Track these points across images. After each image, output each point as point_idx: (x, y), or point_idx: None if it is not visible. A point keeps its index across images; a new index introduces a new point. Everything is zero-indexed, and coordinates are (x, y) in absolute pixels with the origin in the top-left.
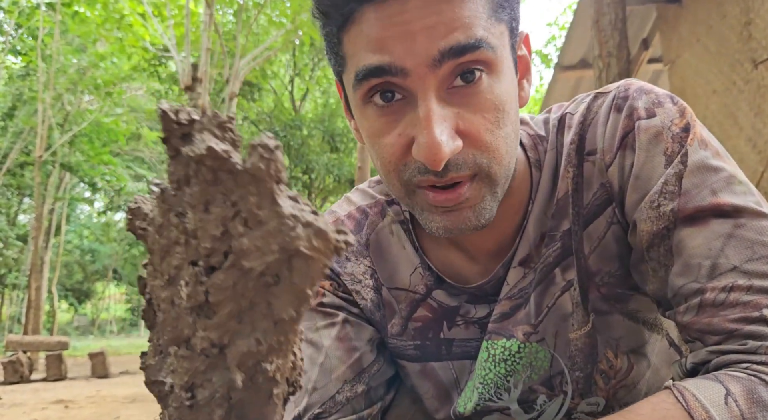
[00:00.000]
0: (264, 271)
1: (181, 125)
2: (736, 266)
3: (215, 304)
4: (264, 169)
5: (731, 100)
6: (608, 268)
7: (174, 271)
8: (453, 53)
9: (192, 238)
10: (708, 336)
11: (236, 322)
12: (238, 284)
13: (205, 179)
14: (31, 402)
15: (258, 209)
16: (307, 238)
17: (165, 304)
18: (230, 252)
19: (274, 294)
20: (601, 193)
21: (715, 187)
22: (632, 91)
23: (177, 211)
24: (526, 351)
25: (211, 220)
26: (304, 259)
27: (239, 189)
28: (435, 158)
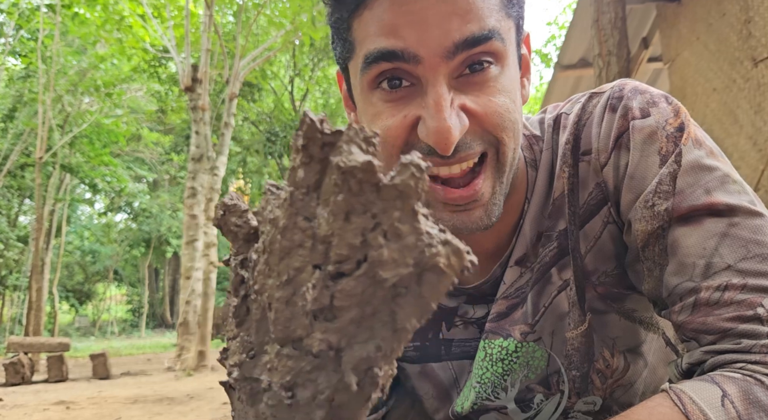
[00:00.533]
0: (396, 282)
1: (324, 134)
2: (730, 265)
3: (339, 308)
4: (413, 186)
5: (731, 98)
6: (605, 268)
7: (294, 273)
8: (467, 45)
9: (320, 244)
10: (703, 335)
11: (356, 328)
12: (367, 291)
13: (350, 190)
14: (32, 403)
15: (399, 223)
16: (446, 255)
17: (279, 304)
18: (364, 261)
19: (400, 304)
20: (597, 192)
21: (709, 186)
22: (627, 91)
23: (304, 215)
24: (523, 350)
25: (351, 229)
26: (437, 274)
27: (383, 203)
28: (446, 143)
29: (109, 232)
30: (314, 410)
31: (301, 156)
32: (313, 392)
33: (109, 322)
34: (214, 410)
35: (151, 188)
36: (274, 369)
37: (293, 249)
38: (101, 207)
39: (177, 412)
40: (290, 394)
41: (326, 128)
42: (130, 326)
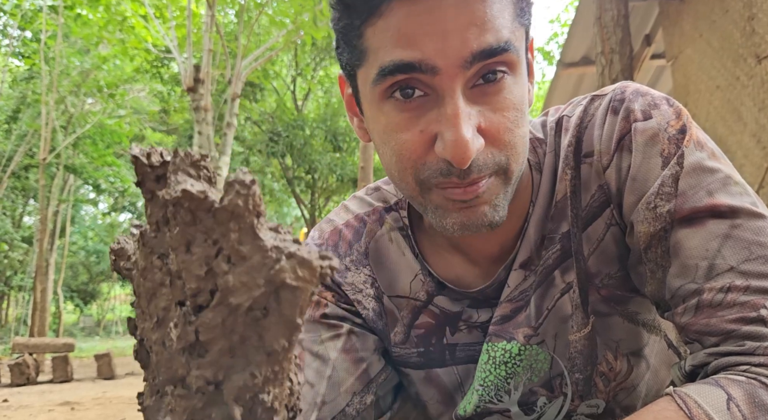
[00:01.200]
0: (252, 305)
1: (153, 168)
2: (733, 267)
3: (206, 342)
4: (242, 206)
5: (735, 95)
6: (608, 270)
7: (162, 313)
8: (483, 55)
9: (177, 279)
10: (706, 337)
11: (229, 358)
12: (227, 321)
13: (183, 220)
14: (37, 404)
15: (240, 245)
16: (292, 269)
17: (157, 346)
18: (216, 290)
19: (264, 327)
20: (600, 194)
21: (711, 188)
22: (629, 93)
23: (159, 253)
24: (526, 353)
25: (194, 260)
26: (291, 290)
27: (219, 227)
28: (463, 156)
29: (113, 232)
30: None
31: (143, 193)
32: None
33: (114, 322)
34: None
35: None
36: (174, 410)
37: (156, 289)
38: (105, 207)
39: None
40: None
41: (155, 161)
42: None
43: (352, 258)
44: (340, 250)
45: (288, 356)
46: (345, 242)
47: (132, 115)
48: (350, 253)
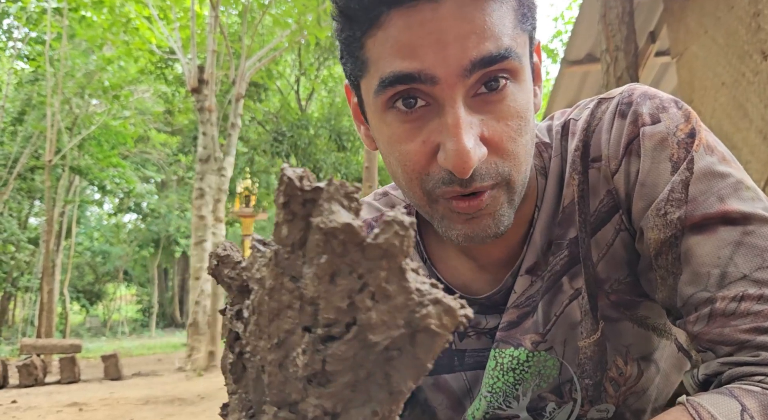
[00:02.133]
0: (388, 345)
1: (303, 191)
2: (746, 275)
3: (332, 373)
4: (398, 246)
5: (740, 92)
6: (617, 276)
7: (284, 335)
8: (484, 63)
9: (308, 305)
10: (719, 346)
11: (351, 392)
12: (359, 355)
13: (334, 251)
14: (45, 405)
15: (387, 284)
16: (438, 316)
17: (272, 367)
18: (354, 323)
19: (394, 366)
20: (608, 200)
21: (722, 193)
22: (636, 96)
23: (291, 275)
24: (534, 360)
25: (337, 292)
26: (430, 335)
27: (368, 262)
28: (465, 166)
29: (119, 233)
30: None
31: (284, 213)
32: None
33: (120, 322)
34: None
35: (160, 189)
36: None
37: (282, 310)
38: (110, 208)
39: (188, 413)
40: None
41: (306, 185)
42: (141, 326)
43: None
44: None
45: (405, 398)
46: None
47: (137, 116)
48: None
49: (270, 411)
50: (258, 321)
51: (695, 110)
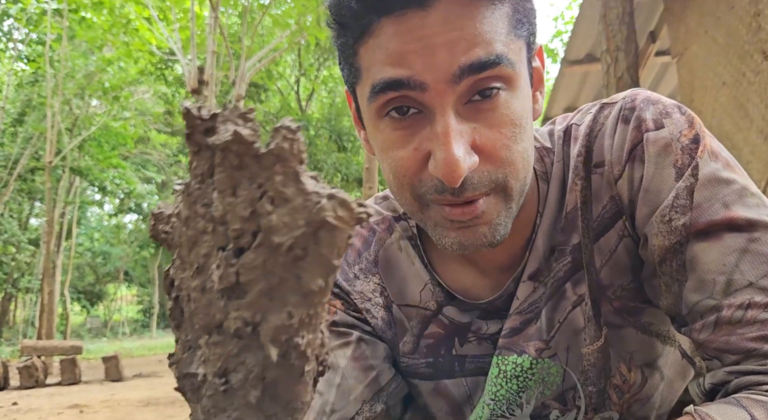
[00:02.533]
0: (292, 245)
1: (203, 120)
2: (752, 282)
3: (246, 283)
4: (288, 149)
5: (741, 92)
6: (621, 282)
7: (203, 260)
8: (473, 69)
9: (219, 225)
10: (726, 355)
11: (267, 300)
12: (268, 261)
13: (231, 165)
14: (46, 407)
15: (284, 187)
16: (333, 208)
17: (195, 293)
18: (259, 231)
19: (302, 267)
20: (611, 206)
21: (727, 200)
22: (639, 101)
23: (203, 203)
24: (538, 367)
25: (240, 203)
26: (330, 230)
27: (265, 171)
28: (453, 175)
29: (119, 234)
30: (249, 391)
31: (190, 145)
32: (244, 374)
33: (121, 323)
34: None
35: (160, 189)
36: (207, 360)
37: (198, 237)
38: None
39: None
40: (224, 381)
41: (204, 114)
42: (141, 326)
43: (361, 266)
44: (350, 259)
45: (323, 301)
46: (354, 251)
47: (137, 117)
48: (359, 262)
49: (202, 340)
50: (180, 253)
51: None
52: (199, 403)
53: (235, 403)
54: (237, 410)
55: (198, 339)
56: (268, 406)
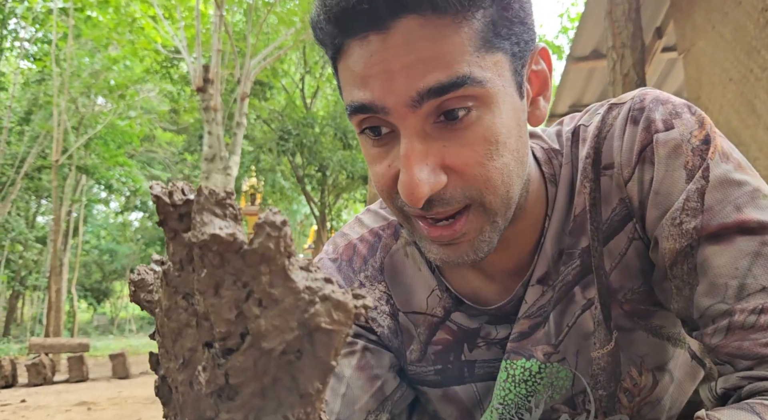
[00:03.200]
0: (285, 349)
1: (176, 206)
2: (765, 287)
3: (237, 385)
4: (273, 248)
5: (749, 88)
6: (631, 285)
7: (189, 354)
8: (432, 93)
9: (204, 320)
10: (738, 360)
11: (261, 400)
12: (259, 363)
13: (212, 263)
14: (54, 404)
15: (272, 288)
16: (327, 312)
17: (183, 387)
18: (247, 333)
19: (298, 369)
20: (621, 208)
21: (739, 202)
22: (648, 101)
23: (183, 293)
24: (546, 371)
25: (224, 304)
26: (326, 333)
27: (249, 269)
28: (413, 197)
29: (125, 231)
30: None
31: (165, 231)
32: None
33: (127, 320)
34: None
35: None
36: None
37: (182, 329)
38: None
39: None
40: None
41: (177, 200)
42: (148, 323)
43: (366, 274)
44: (355, 266)
45: (321, 397)
46: (359, 257)
47: (142, 116)
48: (365, 269)
49: None
50: (164, 343)
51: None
52: None
53: None
54: None
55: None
56: None
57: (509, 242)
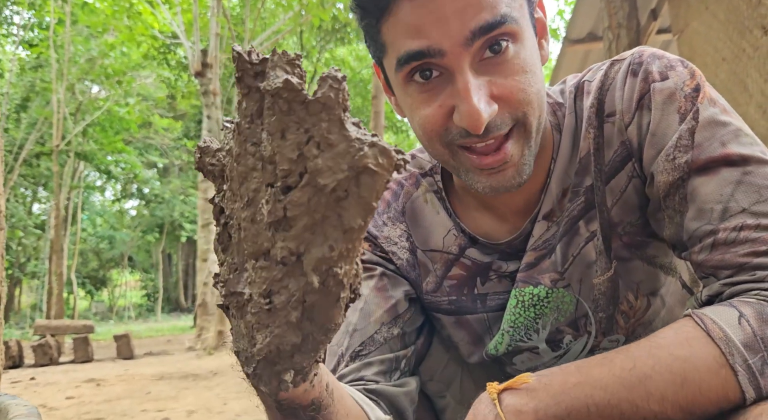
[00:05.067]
0: (335, 187)
1: (253, 64)
2: (745, 208)
3: (292, 218)
4: (333, 98)
5: (741, 67)
6: (629, 219)
7: (252, 194)
8: (482, 31)
9: (268, 164)
10: (721, 271)
11: (311, 233)
12: (313, 200)
13: (281, 110)
14: (63, 381)
15: (329, 134)
16: (374, 156)
17: (245, 223)
18: (305, 172)
19: (344, 207)
20: (622, 150)
21: (724, 139)
22: (646, 56)
23: (252, 142)
24: (553, 296)
25: (288, 145)
26: (370, 175)
27: (311, 117)
28: (476, 124)
29: (122, 219)
30: (290, 312)
31: (240, 87)
32: (287, 297)
33: (126, 308)
34: (238, 384)
35: (162, 174)
36: (253, 282)
37: (248, 173)
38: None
39: (203, 387)
40: (268, 301)
41: (254, 58)
42: (146, 311)
43: (389, 215)
44: (379, 209)
45: (360, 236)
46: (384, 202)
47: (140, 102)
48: (388, 211)
49: (249, 264)
50: (231, 186)
51: None
52: (242, 319)
53: (277, 321)
54: (279, 327)
55: (245, 263)
56: (306, 325)
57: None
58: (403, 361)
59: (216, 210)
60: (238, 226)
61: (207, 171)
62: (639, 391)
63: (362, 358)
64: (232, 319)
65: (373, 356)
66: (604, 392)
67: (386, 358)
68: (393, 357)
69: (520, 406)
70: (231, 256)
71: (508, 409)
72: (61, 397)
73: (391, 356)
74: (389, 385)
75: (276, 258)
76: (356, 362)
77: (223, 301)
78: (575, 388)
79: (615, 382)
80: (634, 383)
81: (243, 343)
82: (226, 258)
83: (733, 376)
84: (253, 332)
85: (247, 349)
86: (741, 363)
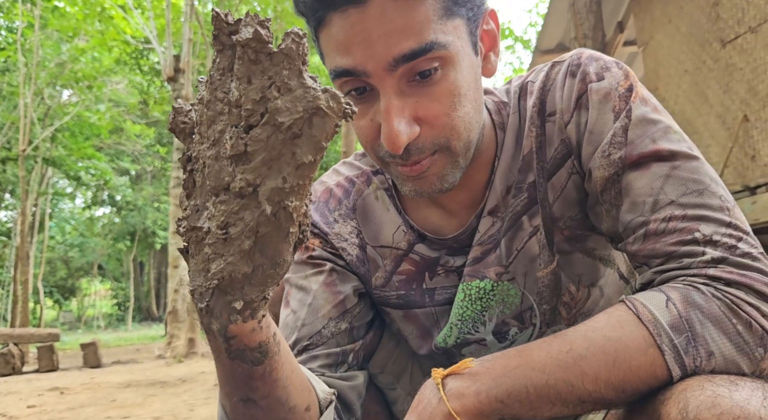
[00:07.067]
0: (291, 125)
1: (229, 24)
2: (673, 200)
3: (252, 153)
4: (295, 50)
5: (701, 78)
6: (570, 213)
7: (218, 135)
8: (406, 58)
9: (234, 108)
10: (652, 259)
11: (267, 168)
12: (271, 137)
13: (249, 58)
14: (26, 390)
15: (289, 80)
16: (326, 99)
17: (210, 160)
18: (266, 113)
19: (297, 144)
20: (562, 148)
21: (654, 136)
22: (584, 58)
23: (222, 90)
24: (498, 289)
25: (252, 89)
26: (322, 116)
27: (275, 66)
28: (395, 145)
29: (93, 227)
30: (243, 241)
31: (215, 44)
32: (242, 227)
33: (95, 317)
34: (207, 391)
35: (134, 181)
36: (212, 216)
37: (216, 116)
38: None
39: (170, 394)
40: (224, 232)
41: (230, 19)
42: (116, 320)
43: (340, 212)
44: (330, 206)
45: (310, 175)
46: (335, 199)
47: (111, 108)
48: (339, 208)
49: (210, 202)
50: (200, 130)
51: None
52: (200, 253)
53: (232, 250)
54: (232, 255)
55: (206, 202)
56: (257, 257)
57: (466, 180)
58: (351, 355)
59: (184, 159)
60: (203, 164)
61: (179, 130)
62: (574, 372)
63: (309, 352)
64: (191, 258)
65: (319, 350)
66: (542, 373)
67: (332, 352)
68: (339, 351)
69: (463, 390)
70: (194, 200)
71: (451, 393)
72: (22, 405)
73: (338, 350)
74: (334, 377)
75: (235, 189)
76: (302, 356)
77: (183, 238)
78: (515, 371)
79: (552, 363)
80: (569, 364)
81: (199, 279)
82: (190, 202)
83: (660, 355)
84: (208, 264)
85: (202, 284)
86: (668, 343)
